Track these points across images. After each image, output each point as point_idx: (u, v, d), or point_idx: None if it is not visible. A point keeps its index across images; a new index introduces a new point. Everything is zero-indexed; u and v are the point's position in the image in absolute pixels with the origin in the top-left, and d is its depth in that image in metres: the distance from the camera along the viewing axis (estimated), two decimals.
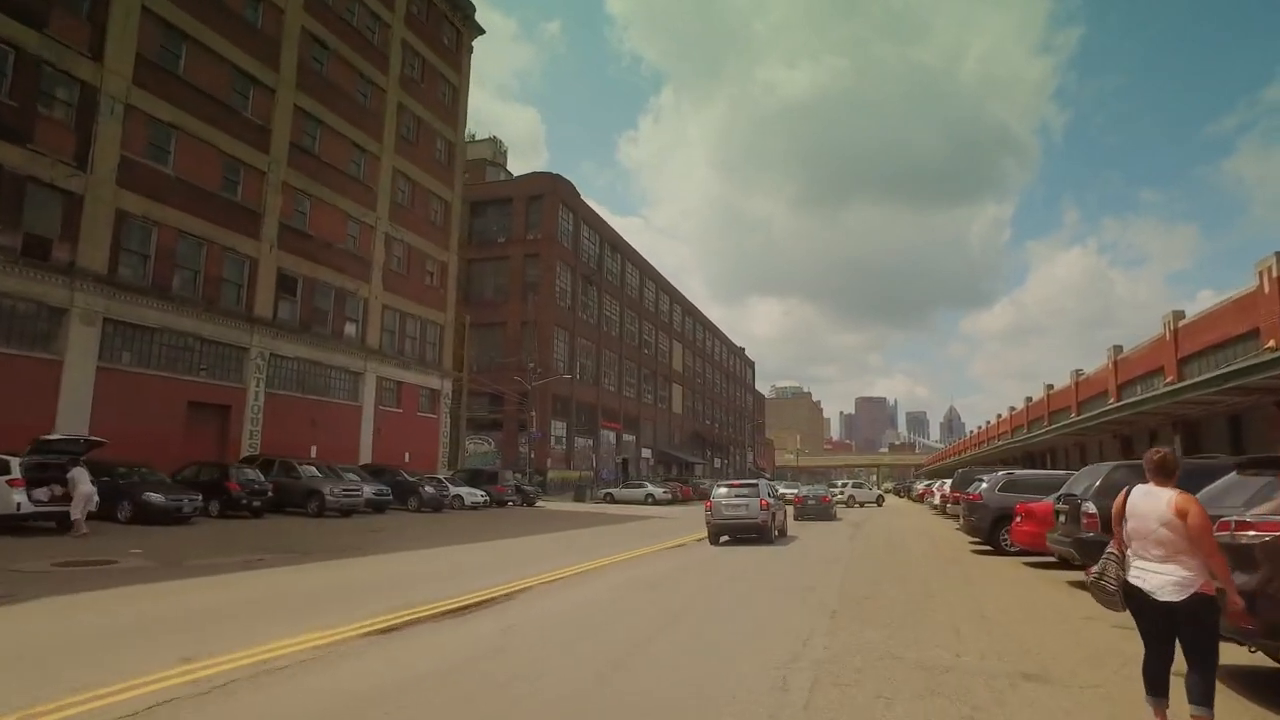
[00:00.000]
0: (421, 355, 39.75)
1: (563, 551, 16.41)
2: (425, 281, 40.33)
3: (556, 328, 56.82)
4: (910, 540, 21.01)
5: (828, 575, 12.42)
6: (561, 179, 58.83)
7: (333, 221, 33.44)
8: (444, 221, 42.32)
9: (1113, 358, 33.66)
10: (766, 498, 20.02)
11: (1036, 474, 16.83)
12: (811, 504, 33.36)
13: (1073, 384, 40.86)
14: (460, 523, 25.69)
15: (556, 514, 33.74)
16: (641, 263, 76.69)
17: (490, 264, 58.19)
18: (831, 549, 18.27)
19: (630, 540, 20.39)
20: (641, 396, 74.37)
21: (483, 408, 55.92)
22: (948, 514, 29.30)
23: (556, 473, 55.36)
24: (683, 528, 26.94)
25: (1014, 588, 10.82)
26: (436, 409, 41.05)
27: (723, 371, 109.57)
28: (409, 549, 16.44)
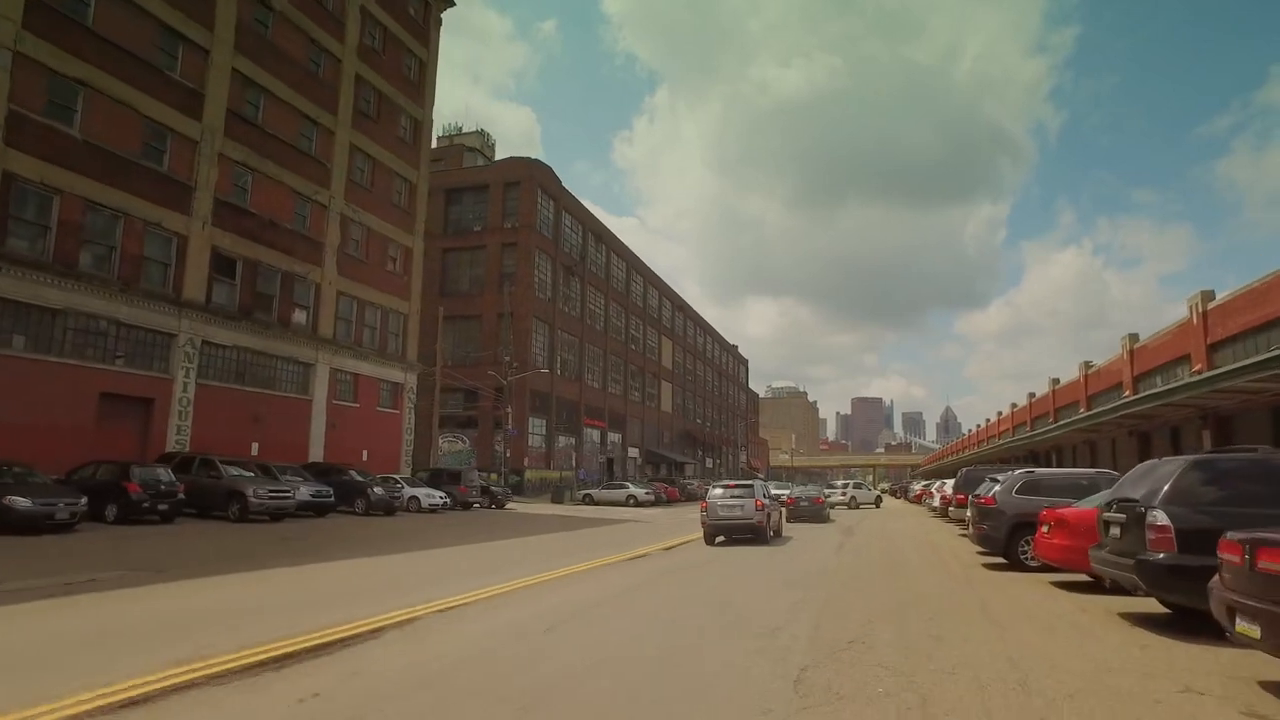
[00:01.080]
0: (382, 346, 36.97)
1: (492, 567, 13.66)
2: (387, 267, 37.54)
3: (535, 320, 54.07)
4: (909, 550, 18.29)
5: (805, 602, 9.71)
6: (540, 164, 56.08)
7: (279, 199, 30.65)
8: (409, 204, 39.55)
9: (1128, 347, 31.00)
10: (762, 498, 19.94)
11: (1063, 473, 14.07)
12: (804, 505, 31.78)
13: (1081, 377, 38.20)
14: (404, 528, 22.94)
15: (523, 518, 31.00)
16: (628, 255, 73.93)
17: (466, 254, 55.44)
18: (818, 559, 15.56)
19: (587, 550, 17.69)
20: (628, 394, 71.63)
21: (457, 404, 53.21)
22: (950, 518, 26.62)
23: (535, 473, 52.61)
24: (656, 533, 24.26)
25: (1056, 628, 8.05)
26: (399, 404, 38.27)
27: (715, 369, 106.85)
28: (307, 562, 13.69)
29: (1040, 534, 11.22)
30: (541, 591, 10.61)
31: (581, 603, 9.64)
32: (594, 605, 9.47)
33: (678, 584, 11.77)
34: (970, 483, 21.99)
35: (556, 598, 10.06)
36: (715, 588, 11.26)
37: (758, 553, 17.73)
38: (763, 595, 10.43)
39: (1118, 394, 32.65)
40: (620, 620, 8.54)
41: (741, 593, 10.71)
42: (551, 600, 9.83)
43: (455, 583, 11.12)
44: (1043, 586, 11.19)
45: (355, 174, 35.35)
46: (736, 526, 19.65)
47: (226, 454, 25.11)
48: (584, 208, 63.59)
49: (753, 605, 9.54)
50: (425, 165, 41.44)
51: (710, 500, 20.14)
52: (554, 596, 10.19)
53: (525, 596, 10.13)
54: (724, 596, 10.36)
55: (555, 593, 10.54)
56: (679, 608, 9.34)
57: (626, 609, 9.31)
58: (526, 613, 8.87)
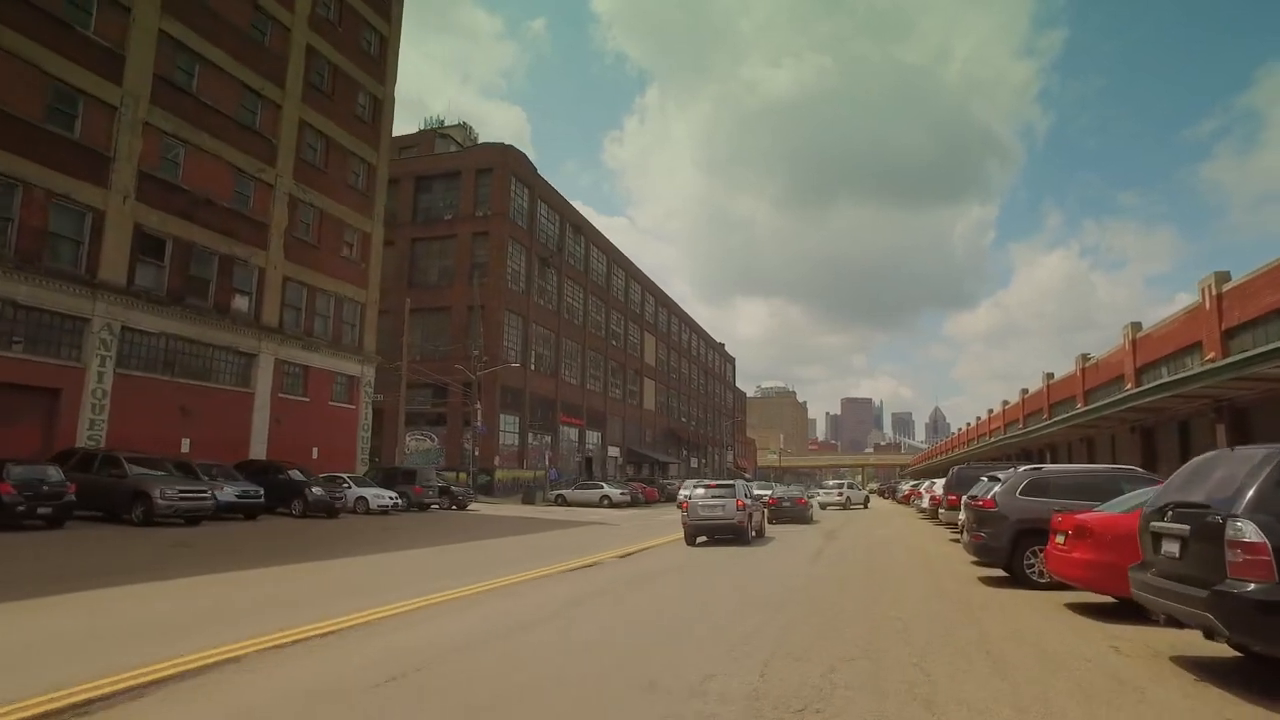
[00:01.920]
0: (336, 336, 34.60)
1: (409, 579, 11.40)
2: (342, 253, 35.17)
3: (508, 313, 51.74)
4: (894, 559, 16.13)
5: (759, 633, 7.53)
6: (513, 150, 53.75)
7: (217, 175, 28.25)
8: (367, 186, 37.19)
9: (1130, 336, 28.98)
10: (743, 498, 19.62)
11: (1076, 470, 11.88)
12: (787, 506, 30.51)
13: (1078, 371, 36.22)
14: (338, 532, 20.64)
15: (482, 520, 28.74)
16: (609, 248, 71.68)
17: (436, 244, 53.08)
18: (790, 569, 13.37)
19: (534, 557, 15.53)
20: (608, 391, 69.38)
21: (425, 401, 50.87)
22: (940, 520, 24.51)
23: (506, 472, 50.30)
24: (621, 537, 22.12)
25: (1092, 683, 5.83)
26: (355, 398, 35.90)
27: (700, 367, 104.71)
28: (188, 575, 11.39)
29: (1053, 545, 9.05)
30: (439, 614, 8.40)
31: (475, 634, 7.42)
32: (486, 640, 7.23)
33: (612, 604, 9.56)
34: (962, 482, 19.89)
35: (450, 624, 7.85)
36: (656, 610, 9.06)
37: (724, 560, 15.56)
38: (711, 621, 8.23)
39: (1118, 387, 30.64)
40: (504, 666, 6.30)
41: (686, 618, 8.50)
42: (439, 629, 7.62)
43: (344, 601, 8.92)
44: (1058, 612, 9.01)
45: (306, 152, 32.96)
46: (717, 526, 19.26)
47: (150, 451, 22.77)
48: (561, 197, 61.30)
49: (694, 637, 7.35)
50: (386, 146, 39.10)
51: (691, 500, 19.80)
52: (448, 622, 7.99)
53: (414, 621, 7.92)
54: (662, 623, 8.17)
55: (454, 616, 8.33)
56: (594, 645, 7.12)
57: (527, 645, 7.07)
58: (392, 647, 6.64)
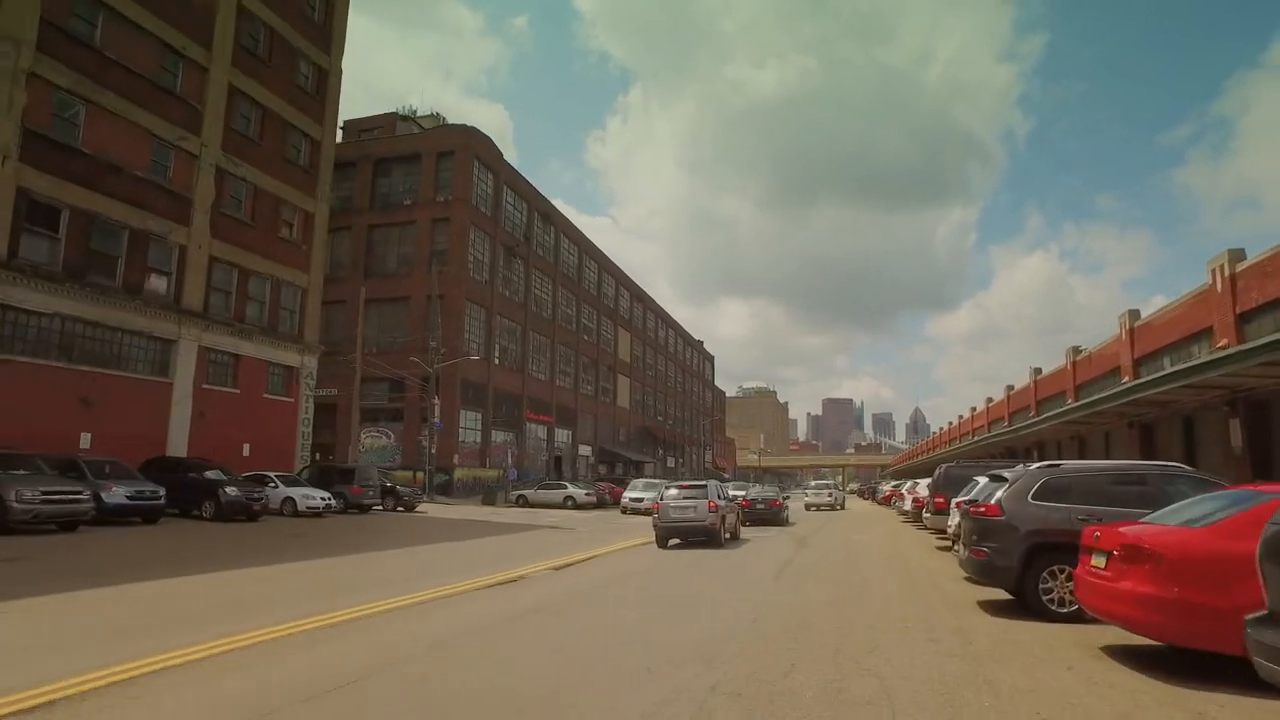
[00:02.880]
0: (272, 323, 31.81)
1: (287, 598, 8.81)
2: (280, 233, 32.38)
3: (469, 303, 49.05)
4: (873, 574, 13.70)
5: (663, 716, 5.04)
6: (477, 132, 51.04)
7: (127, 140, 25.43)
8: (311, 163, 34.40)
9: (1128, 325, 26.77)
10: (716, 499, 18.98)
11: (1106, 468, 9.34)
12: (761, 507, 29.20)
13: (1068, 364, 34.05)
14: (242, 538, 17.96)
15: (423, 523, 26.13)
16: (580, 239, 69.11)
17: (394, 230, 50.30)
18: (741, 593, 10.89)
19: (458, 569, 13.19)
20: (580, 387, 66.81)
21: (381, 395, 48.10)
22: (925, 525, 22.16)
23: (467, 471, 47.62)
24: (571, 543, 19.68)
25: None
26: (293, 391, 33.12)
27: (678, 364, 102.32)
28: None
29: (1087, 569, 6.63)
30: (246, 661, 5.83)
31: (260, 704, 4.86)
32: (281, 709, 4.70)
33: (480, 653, 7.01)
34: (951, 483, 17.55)
35: (237, 684, 5.29)
36: (536, 660, 6.54)
37: (669, 576, 13.07)
38: (600, 685, 5.73)
39: (1113, 381, 28.45)
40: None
41: (568, 679, 5.99)
42: (251, 681, 5.07)
43: (180, 634, 6.39)
44: (1097, 661, 6.56)
45: (237, 122, 30.16)
46: (689, 529, 18.62)
47: (37, 446, 20.02)
48: (529, 184, 58.65)
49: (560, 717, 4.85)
50: (333, 121, 36.34)
51: (662, 502, 19.23)
52: (267, 669, 5.43)
53: (234, 663, 5.35)
54: (531, 684, 5.65)
55: (267, 666, 5.77)
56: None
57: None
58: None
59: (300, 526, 22.48)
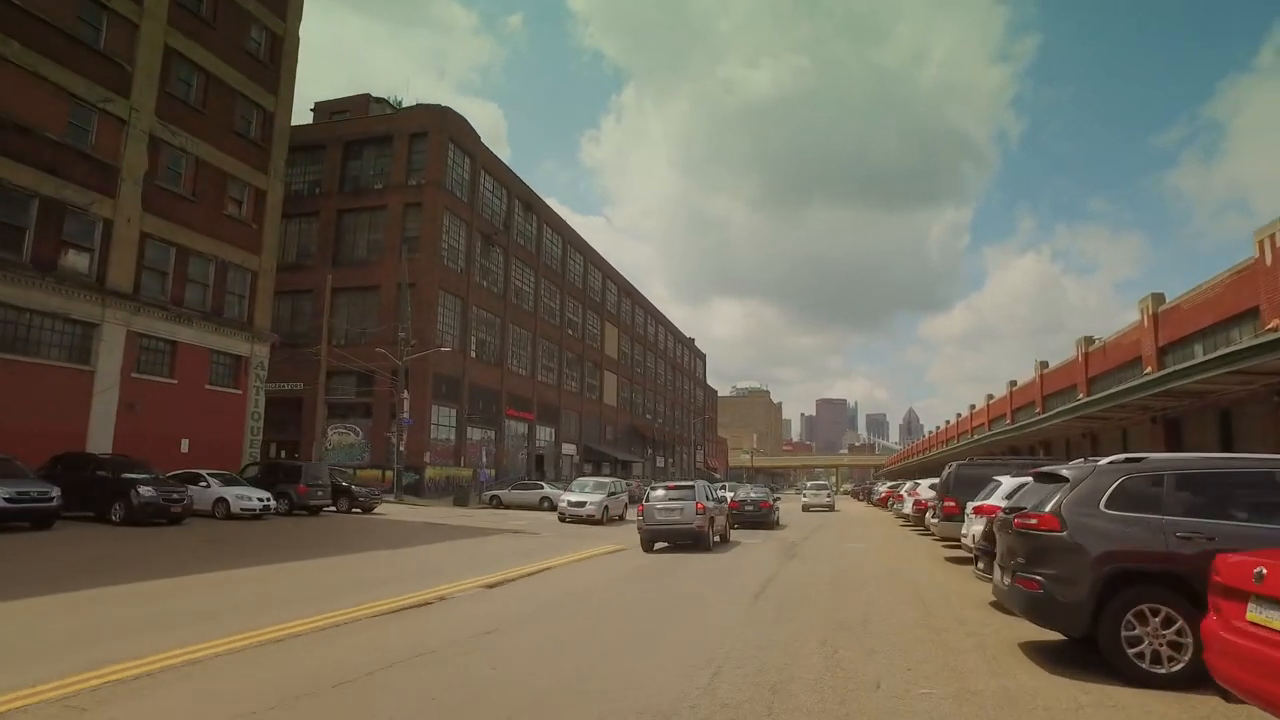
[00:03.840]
0: (216, 308, 29.16)
1: (111, 629, 6.26)
2: (226, 210, 29.72)
3: (443, 293, 46.40)
4: (873, 596, 11.20)
5: None
6: (452, 113, 48.37)
7: (35, 98, 22.74)
8: (263, 137, 31.73)
9: (1151, 311, 24.33)
10: (704, 501, 18.16)
11: (1215, 462, 6.71)
12: (749, 510, 27.69)
13: (1079, 356, 31.64)
14: (130, 547, 15.36)
15: (374, 526, 23.53)
16: (565, 230, 66.51)
17: (365, 215, 47.59)
18: (705, 628, 8.35)
19: (373, 585, 10.66)
20: (563, 383, 64.21)
21: (349, 389, 45.45)
22: (932, 532, 19.66)
23: (439, 469, 44.99)
24: (524, 551, 17.29)
25: None
26: (241, 382, 30.46)
27: (668, 362, 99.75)
28: None
29: (1231, 622, 4.10)
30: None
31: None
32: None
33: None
34: (963, 484, 15.05)
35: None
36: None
37: (618, 601, 10.54)
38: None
39: (1133, 371, 26.05)
40: None
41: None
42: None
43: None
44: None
45: (176, 87, 27.50)
46: (675, 532, 17.87)
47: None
48: (509, 170, 56.02)
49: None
50: (289, 92, 33.60)
51: (647, 504, 18.38)
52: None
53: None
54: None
55: None
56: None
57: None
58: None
59: (223, 531, 19.86)
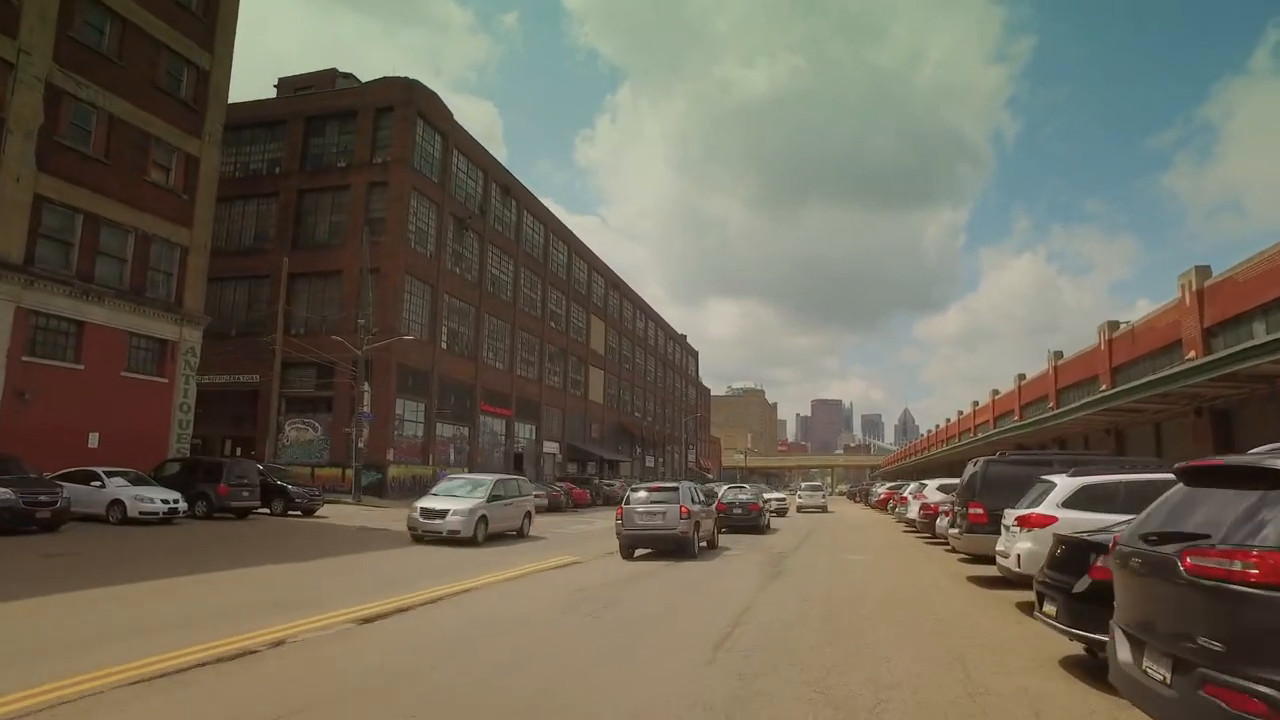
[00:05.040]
0: (136, 285, 25.87)
1: None
2: (149, 176, 26.43)
3: (410, 278, 43.13)
4: (892, 654, 7.99)
5: None
6: (421, 87, 45.08)
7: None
8: (197, 98, 28.44)
9: (1193, 286, 21.17)
10: (689, 504, 16.65)
11: None
12: (738, 513, 25.73)
13: (1102, 344, 28.50)
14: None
15: (294, 532, 20.26)
16: (548, 218, 63.26)
17: (327, 195, 44.25)
18: (649, 683, 5.19)
19: (156, 630, 7.32)
20: (545, 378, 60.95)
21: (309, 382, 42.16)
22: (946, 542, 16.49)
23: (404, 468, 41.72)
24: (456, 566, 13.91)
25: None
26: (167, 369, 27.18)
27: (658, 358, 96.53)
28: None
29: None
30: None
31: None
32: None
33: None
34: (995, 485, 11.86)
35: None
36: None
37: (518, 660, 7.25)
38: None
39: (1169, 357, 22.94)
40: None
41: None
42: None
43: None
44: None
45: (83, 32, 24.22)
46: (656, 538, 16.57)
47: None
48: (485, 152, 52.73)
49: None
50: (228, 51, 30.33)
51: (627, 507, 16.96)
52: None
53: None
54: None
55: None
56: None
57: None
58: None
59: (95, 541, 16.58)
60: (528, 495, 23.25)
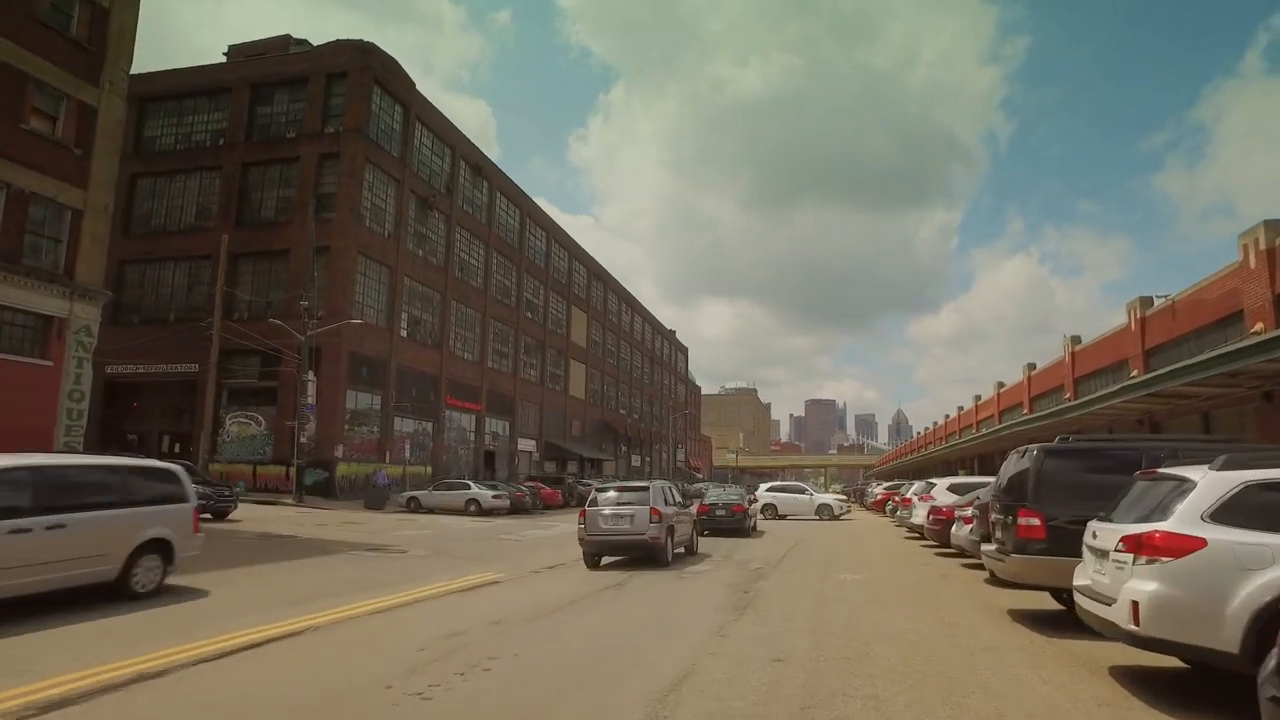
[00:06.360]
0: (10, 251, 22.05)
1: None
2: (28, 124, 22.61)
3: (364, 259, 39.40)
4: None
5: None
6: (378, 50, 41.34)
7: None
8: (93, 39, 24.58)
9: (1261, 245, 17.48)
10: (660, 505, 14.90)
11: None
12: (721, 515, 24.11)
13: (1132, 323, 24.92)
14: None
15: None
16: (524, 202, 59.52)
17: (275, 169, 40.53)
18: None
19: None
20: (521, 371, 57.26)
21: (252, 372, 38.47)
22: (952, 548, 12.90)
23: (356, 466, 38.00)
24: (330, 591, 10.01)
25: None
26: (53, 351, 23.35)
27: (645, 353, 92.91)
28: None
29: None
30: None
31: None
32: None
33: None
34: (1057, 485, 8.20)
35: None
36: None
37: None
38: None
39: (1224, 332, 19.42)
40: None
41: None
42: None
43: None
44: None
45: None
46: (623, 544, 14.70)
47: None
48: (453, 127, 48.97)
49: None
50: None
51: (590, 509, 14.95)
52: None
53: None
54: None
55: None
56: None
57: None
58: None
59: None
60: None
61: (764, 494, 34.32)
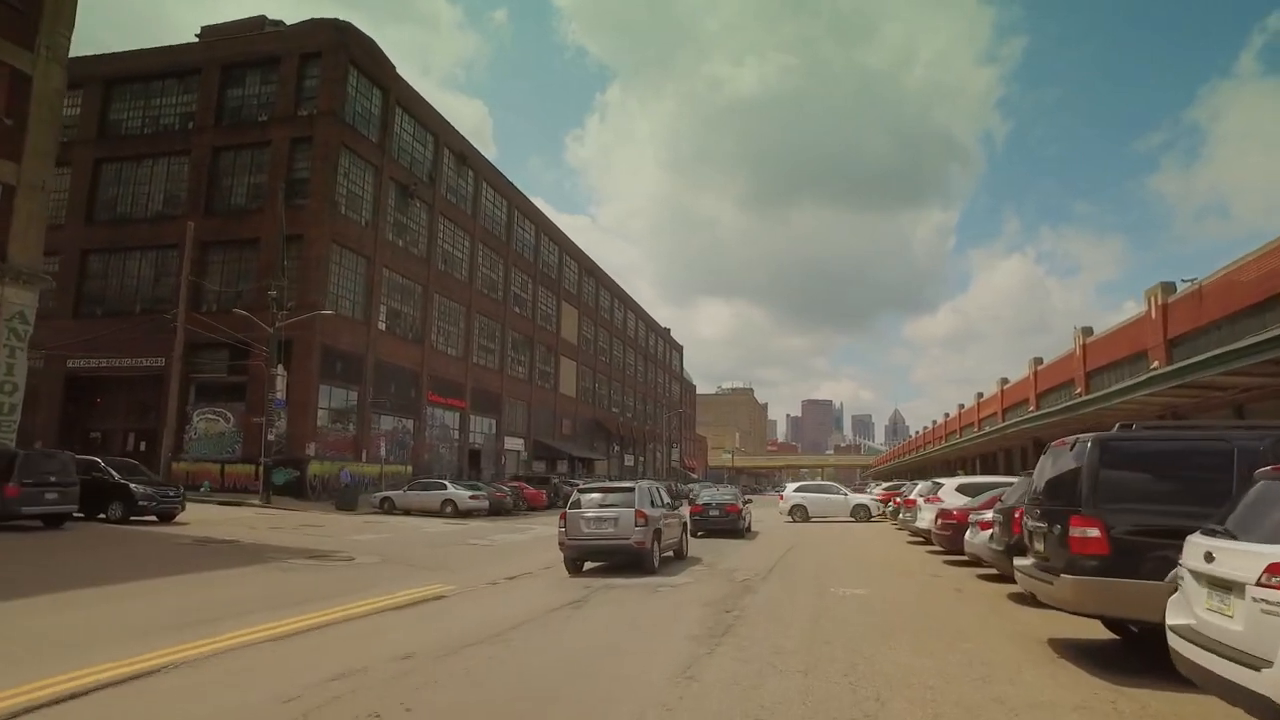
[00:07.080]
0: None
1: None
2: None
3: (338, 248, 37.52)
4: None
5: None
6: (354, 30, 39.46)
7: None
8: (27, 1, 22.88)
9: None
10: (646, 508, 13.87)
11: None
12: (715, 515, 23.43)
13: (1153, 311, 23.14)
14: None
15: (97, 546, 14.76)
16: (512, 194, 57.64)
17: (246, 154, 38.65)
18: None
19: None
20: (508, 368, 55.42)
21: (221, 366, 36.61)
22: (963, 555, 11.11)
23: (329, 465, 36.08)
24: (246, 609, 7.95)
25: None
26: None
27: (639, 351, 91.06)
28: None
29: None
30: None
31: None
32: None
33: None
34: (1127, 487, 6.32)
35: None
36: None
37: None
38: None
39: (1256, 321, 17.66)
40: None
41: None
42: None
43: None
44: None
45: None
46: (606, 549, 13.76)
47: None
48: (437, 114, 47.10)
49: None
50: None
51: (571, 511, 13.91)
52: None
53: None
54: None
55: None
56: None
57: None
58: None
59: None
60: None
61: (792, 494, 32.11)
